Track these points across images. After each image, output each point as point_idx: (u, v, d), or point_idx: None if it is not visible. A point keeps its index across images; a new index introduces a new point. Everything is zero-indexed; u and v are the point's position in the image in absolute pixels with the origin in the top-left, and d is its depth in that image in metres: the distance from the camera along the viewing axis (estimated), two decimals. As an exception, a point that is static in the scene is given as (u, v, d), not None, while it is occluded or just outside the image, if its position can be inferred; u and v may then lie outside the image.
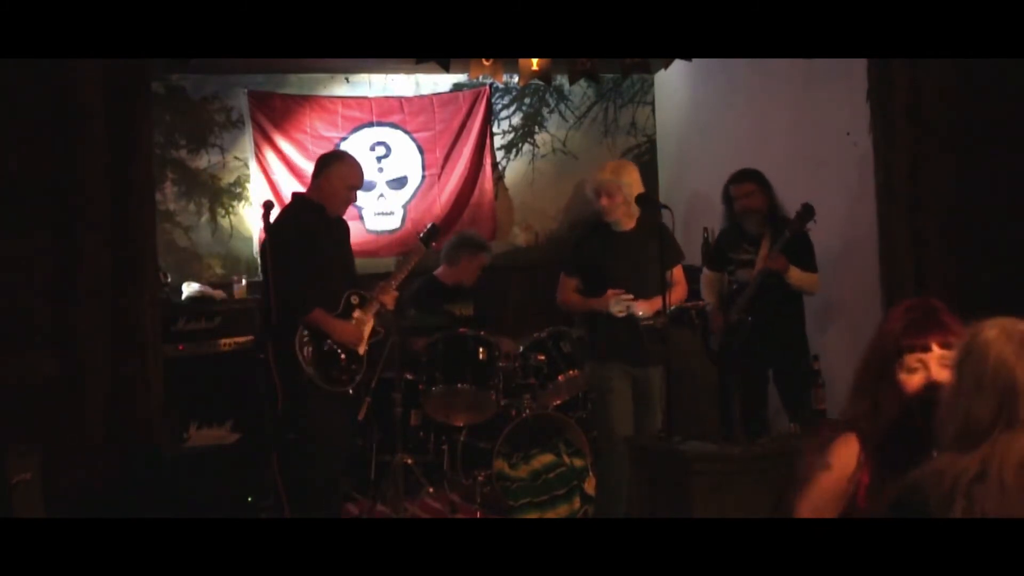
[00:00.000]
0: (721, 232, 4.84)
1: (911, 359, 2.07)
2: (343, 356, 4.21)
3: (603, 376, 4.48)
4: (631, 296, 4.33)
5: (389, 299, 4.40)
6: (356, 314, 4.29)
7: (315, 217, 4.26)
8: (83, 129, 3.81)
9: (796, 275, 4.41)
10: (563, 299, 4.61)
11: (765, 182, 4.64)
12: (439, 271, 5.62)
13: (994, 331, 1.78)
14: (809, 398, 3.73)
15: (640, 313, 4.31)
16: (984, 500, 1.65)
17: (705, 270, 4.90)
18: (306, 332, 4.10)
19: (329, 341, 4.16)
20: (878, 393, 2.09)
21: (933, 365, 2.07)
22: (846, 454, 2.09)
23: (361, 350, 4.30)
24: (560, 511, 4.88)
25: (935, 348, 2.07)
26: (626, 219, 4.46)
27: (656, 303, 4.17)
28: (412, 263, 4.62)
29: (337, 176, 4.30)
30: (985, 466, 1.68)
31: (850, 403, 2.17)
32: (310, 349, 4.09)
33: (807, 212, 4.30)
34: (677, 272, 4.58)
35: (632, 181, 4.40)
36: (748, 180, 4.65)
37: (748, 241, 4.64)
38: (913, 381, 2.07)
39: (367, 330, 4.33)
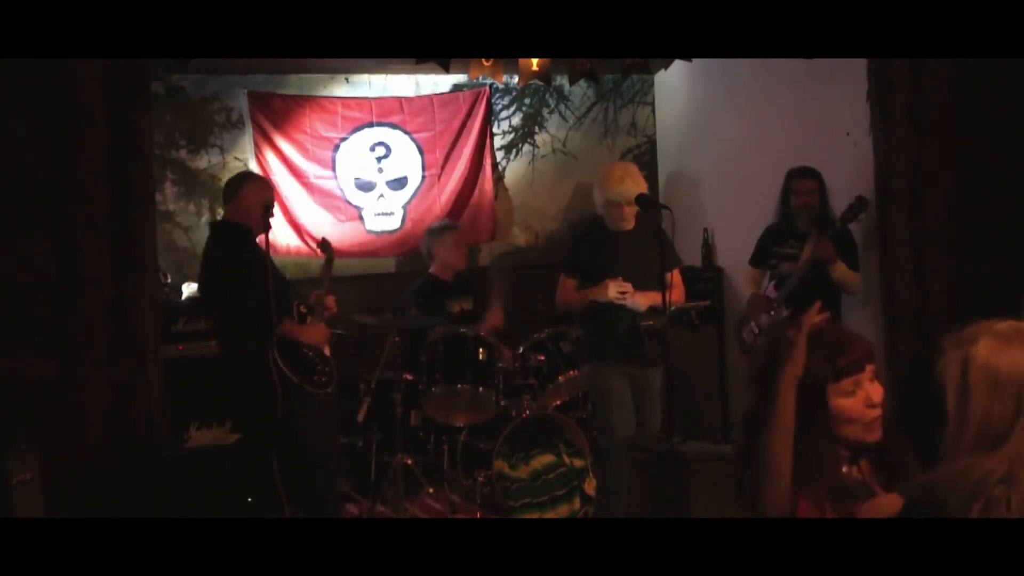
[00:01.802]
0: (768, 227, 4.84)
1: (848, 383, 2.05)
2: (316, 360, 4.28)
3: (602, 377, 4.49)
4: (629, 284, 4.32)
5: (331, 301, 4.48)
6: (310, 320, 4.39)
7: (246, 239, 4.27)
8: (83, 129, 3.81)
9: (841, 269, 4.40)
10: (562, 300, 4.62)
11: (824, 183, 4.65)
12: (432, 269, 5.65)
13: (986, 338, 1.78)
14: None
15: (638, 303, 4.31)
16: (1010, 501, 1.64)
17: (748, 267, 4.92)
18: (278, 344, 4.12)
19: (301, 348, 4.21)
20: (813, 431, 2.05)
21: (867, 383, 2.06)
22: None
23: (327, 351, 4.37)
24: (560, 511, 4.88)
25: (868, 367, 2.07)
26: (629, 221, 4.46)
27: (653, 296, 4.18)
28: (326, 269, 4.68)
29: (251, 195, 4.30)
30: (1013, 467, 1.67)
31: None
32: (288, 359, 4.13)
33: (860, 204, 4.28)
34: (675, 276, 4.58)
35: (639, 187, 4.40)
36: (811, 177, 4.65)
37: (794, 236, 4.64)
38: (852, 403, 2.05)
39: (327, 331, 4.42)
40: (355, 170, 6.23)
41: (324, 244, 4.87)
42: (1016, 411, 1.72)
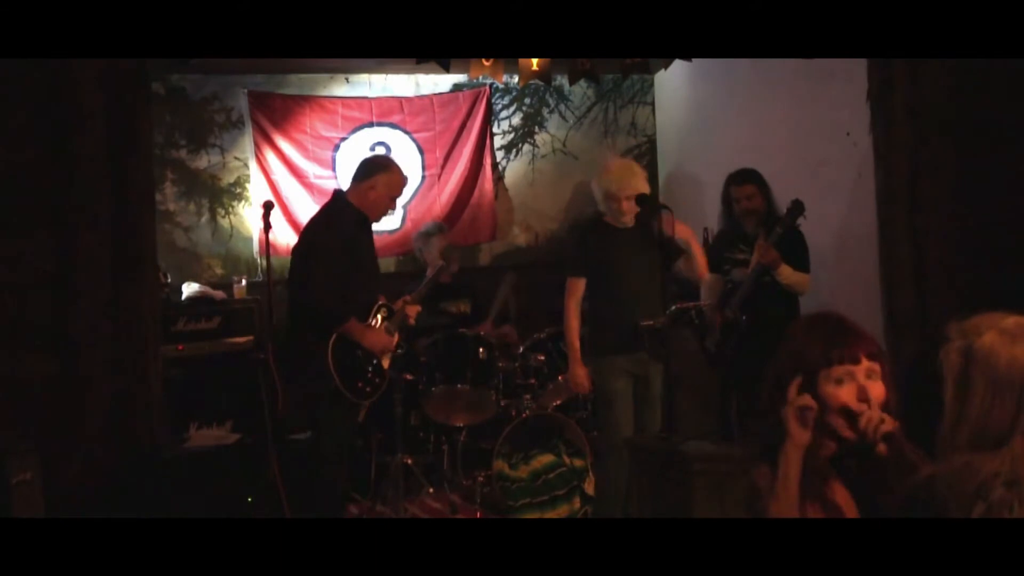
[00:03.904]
0: (718, 233, 4.84)
1: (839, 371, 2.03)
2: (370, 368, 4.18)
3: (604, 376, 4.48)
4: (588, 387, 4.51)
5: (413, 312, 4.39)
6: (385, 325, 4.27)
7: (358, 225, 4.21)
8: (83, 129, 3.81)
9: (787, 272, 4.40)
10: (569, 308, 4.52)
11: (764, 183, 4.62)
12: (428, 271, 5.65)
13: (992, 332, 1.75)
14: None
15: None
16: (1013, 504, 1.61)
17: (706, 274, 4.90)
18: (336, 341, 4.04)
19: (359, 352, 4.12)
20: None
21: (861, 377, 2.03)
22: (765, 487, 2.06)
23: (386, 363, 4.27)
24: (560, 511, 4.88)
25: (864, 360, 2.04)
26: (630, 217, 4.47)
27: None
28: (432, 275, 4.63)
29: (385, 185, 4.24)
30: (1017, 469, 1.63)
31: (759, 426, 2.14)
32: (339, 358, 4.04)
33: (797, 208, 4.27)
34: (696, 248, 4.61)
35: (640, 184, 4.41)
36: (749, 182, 4.62)
37: (744, 241, 4.63)
38: (843, 393, 2.02)
39: (393, 342, 4.32)
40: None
41: (448, 250, 4.76)
42: (1016, 411, 1.69)
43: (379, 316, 4.27)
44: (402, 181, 4.34)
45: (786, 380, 2.07)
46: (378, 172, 4.25)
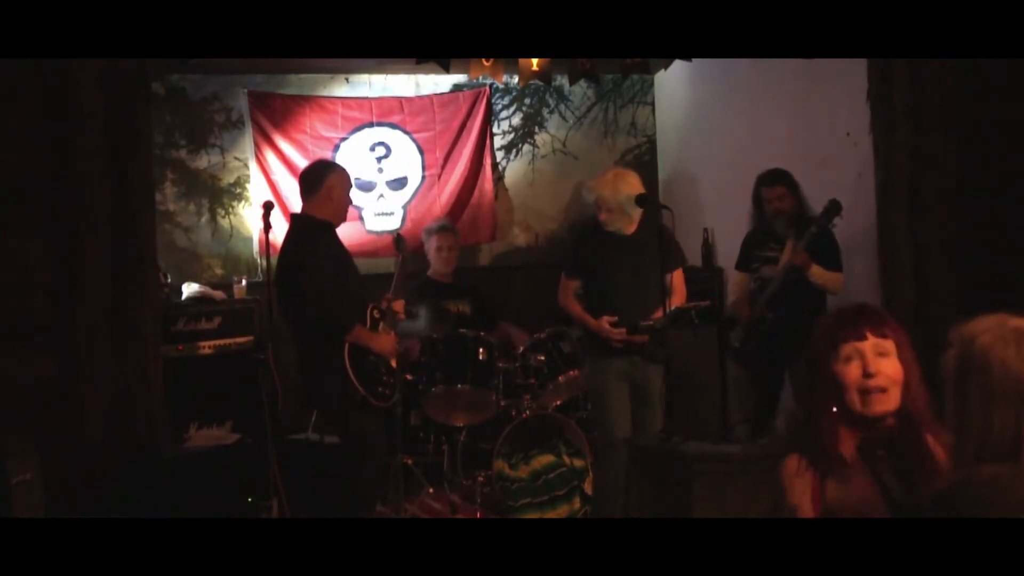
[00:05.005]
0: (749, 232, 4.84)
1: (846, 348, 2.03)
2: (383, 370, 4.19)
3: (602, 376, 4.49)
4: (623, 332, 4.36)
5: (400, 306, 4.39)
6: (382, 327, 4.28)
7: (327, 234, 4.22)
8: (83, 129, 3.81)
9: (818, 272, 4.41)
10: (563, 302, 4.63)
11: (794, 183, 4.64)
12: (429, 271, 5.66)
13: (988, 335, 1.71)
14: None
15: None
16: None
17: (735, 271, 4.92)
18: (349, 351, 4.05)
19: (372, 357, 4.13)
20: (814, 395, 2.06)
21: (869, 354, 2.03)
22: (799, 487, 2.05)
23: (394, 362, 4.28)
24: (560, 511, 4.88)
25: (870, 336, 2.04)
26: (627, 225, 4.46)
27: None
28: (399, 269, 4.64)
29: (339, 186, 4.24)
30: None
31: (793, 415, 2.15)
32: (355, 367, 4.05)
33: (834, 208, 4.28)
34: (677, 277, 4.58)
35: (631, 191, 4.39)
36: (780, 183, 4.63)
37: (774, 239, 4.64)
38: (850, 370, 2.03)
39: (396, 341, 4.33)
40: (355, 170, 6.22)
41: (399, 240, 4.71)
42: (1018, 423, 1.64)
43: (375, 318, 4.28)
44: (348, 175, 4.35)
45: (810, 374, 2.08)
46: (328, 175, 4.26)
